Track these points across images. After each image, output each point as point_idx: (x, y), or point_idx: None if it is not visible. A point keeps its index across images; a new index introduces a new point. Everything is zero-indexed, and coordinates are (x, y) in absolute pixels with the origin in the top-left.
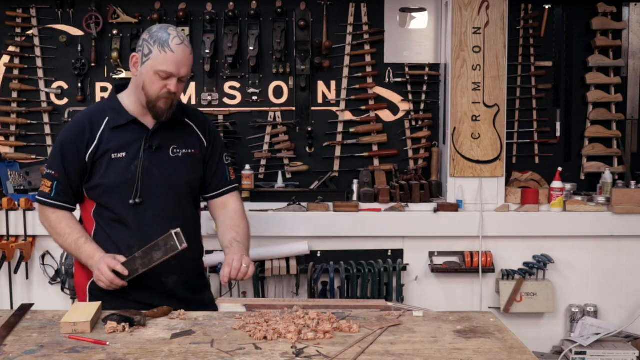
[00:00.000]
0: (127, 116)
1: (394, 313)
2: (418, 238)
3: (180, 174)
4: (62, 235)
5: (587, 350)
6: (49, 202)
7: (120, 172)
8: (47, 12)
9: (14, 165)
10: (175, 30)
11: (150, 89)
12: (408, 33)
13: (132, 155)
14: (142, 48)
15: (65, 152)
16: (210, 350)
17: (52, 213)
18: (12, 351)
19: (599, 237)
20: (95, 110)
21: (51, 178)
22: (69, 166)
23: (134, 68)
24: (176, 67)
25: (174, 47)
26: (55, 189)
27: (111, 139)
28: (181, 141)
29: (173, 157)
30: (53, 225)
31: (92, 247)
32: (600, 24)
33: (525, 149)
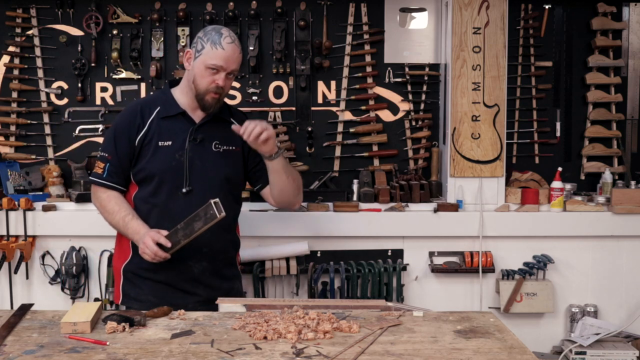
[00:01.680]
0: (177, 108)
1: (394, 313)
2: (418, 238)
3: (219, 168)
4: (111, 213)
5: (587, 350)
6: (101, 182)
7: (165, 160)
8: (47, 12)
9: (14, 165)
10: (228, 31)
11: (201, 82)
12: (408, 33)
13: (177, 145)
14: (196, 45)
15: (118, 135)
16: (210, 350)
17: (103, 192)
18: (12, 351)
19: (599, 237)
20: (148, 100)
21: (104, 160)
22: (120, 149)
23: (187, 63)
24: (225, 62)
25: (224, 44)
26: (107, 170)
27: (160, 128)
28: (223, 138)
29: (214, 152)
30: (103, 204)
31: (138, 224)
32: (600, 24)
33: (525, 149)
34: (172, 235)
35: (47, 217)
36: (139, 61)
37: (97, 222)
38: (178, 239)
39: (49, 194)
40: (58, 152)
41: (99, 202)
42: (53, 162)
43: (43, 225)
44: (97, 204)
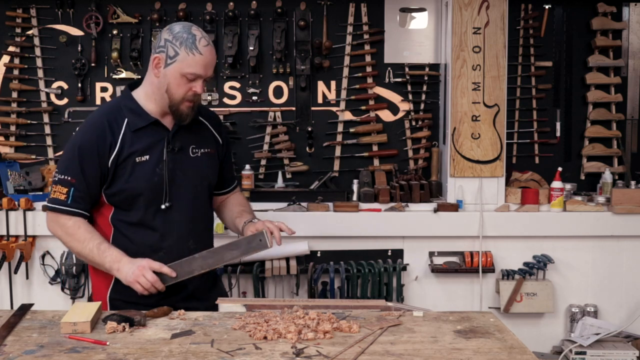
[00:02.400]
0: (148, 117)
1: (394, 313)
2: (418, 238)
3: (201, 174)
4: (81, 242)
5: (587, 350)
6: (64, 209)
7: (147, 176)
8: (47, 12)
9: (14, 165)
10: (199, 30)
11: (176, 91)
12: (408, 33)
13: (155, 158)
14: (166, 49)
15: (84, 156)
16: (210, 350)
17: (67, 220)
18: (12, 351)
19: (599, 237)
20: (111, 111)
21: (66, 184)
22: (88, 171)
23: (156, 69)
24: (204, 69)
25: (201, 49)
26: (72, 195)
27: (134, 142)
28: (199, 141)
29: (193, 158)
30: (70, 232)
31: (117, 251)
32: (600, 24)
33: (525, 149)
34: (182, 264)
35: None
36: (139, 61)
37: None
38: (192, 269)
39: (49, 194)
40: (58, 152)
41: (64, 230)
42: (53, 162)
43: (43, 225)
44: (61, 232)
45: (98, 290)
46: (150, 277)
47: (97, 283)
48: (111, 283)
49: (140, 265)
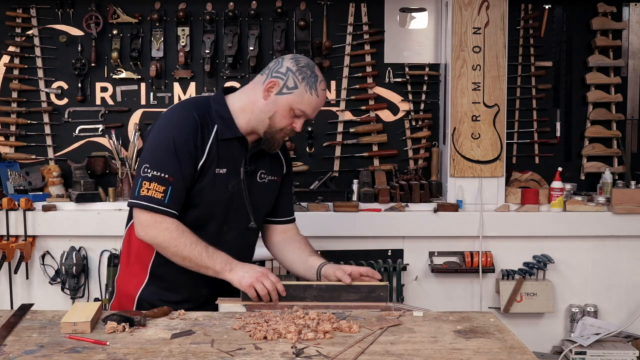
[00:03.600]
0: (236, 131)
1: (394, 313)
2: (418, 238)
3: (263, 201)
4: (188, 244)
5: (587, 350)
6: (161, 209)
7: (220, 190)
8: (47, 12)
9: (14, 165)
10: (320, 72)
11: (280, 121)
12: (408, 33)
13: (231, 173)
14: (286, 79)
15: (180, 153)
16: (210, 350)
17: (170, 223)
18: (12, 351)
19: (599, 237)
20: (201, 111)
21: (164, 182)
22: (185, 169)
23: (267, 92)
24: (313, 111)
25: (320, 91)
26: (169, 194)
27: (218, 151)
28: (269, 167)
29: (260, 183)
30: (175, 236)
31: (224, 254)
32: (600, 24)
33: (525, 149)
34: (297, 288)
35: (47, 217)
36: (139, 61)
37: (97, 222)
38: (305, 295)
39: (49, 194)
40: (58, 152)
41: (168, 234)
42: (53, 162)
43: (43, 225)
44: (163, 237)
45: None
46: (270, 285)
47: (125, 279)
48: (143, 284)
49: (261, 271)
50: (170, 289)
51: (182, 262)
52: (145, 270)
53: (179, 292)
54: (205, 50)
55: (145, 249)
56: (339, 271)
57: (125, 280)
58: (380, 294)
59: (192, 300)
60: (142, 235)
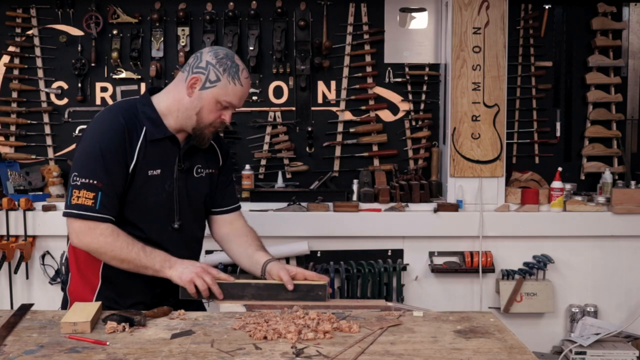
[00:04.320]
0: (166, 131)
1: (394, 313)
2: (418, 238)
3: (202, 195)
4: (124, 247)
5: (587, 350)
6: (93, 215)
7: (156, 191)
8: (47, 12)
9: (14, 165)
10: (240, 60)
11: (207, 116)
12: (408, 33)
13: (165, 173)
14: (208, 73)
15: (108, 157)
16: (210, 350)
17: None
18: (12, 351)
19: (599, 237)
20: (128, 114)
21: (93, 188)
22: (114, 174)
23: (190, 89)
24: (239, 101)
25: (243, 80)
26: (99, 200)
27: (148, 153)
28: (204, 161)
29: (197, 178)
30: (110, 241)
31: (162, 252)
32: (600, 24)
33: (525, 149)
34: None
35: (47, 217)
36: (139, 61)
37: None
38: (243, 294)
39: (49, 194)
40: (58, 152)
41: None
42: (53, 162)
43: (43, 225)
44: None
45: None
46: (209, 280)
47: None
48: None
49: (201, 267)
50: (125, 292)
51: (121, 265)
52: (97, 276)
53: (133, 294)
54: None
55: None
56: (282, 271)
57: (78, 288)
58: (319, 294)
59: (147, 301)
60: (76, 243)
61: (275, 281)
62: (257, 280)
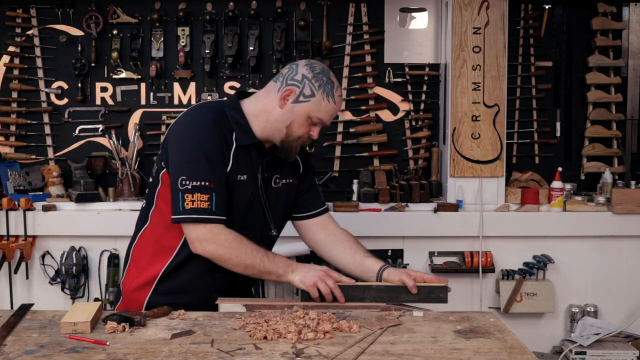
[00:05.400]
0: (253, 137)
1: (394, 313)
2: (418, 238)
3: (279, 205)
4: (249, 252)
5: (587, 350)
6: (213, 218)
7: (242, 197)
8: (47, 12)
9: (14, 165)
10: (335, 77)
11: (297, 130)
12: (408, 33)
13: (250, 180)
14: (303, 87)
15: (212, 160)
16: (210, 350)
17: (228, 234)
18: (12, 351)
19: (599, 237)
20: (219, 118)
21: (206, 190)
22: (220, 174)
23: (283, 101)
24: (330, 118)
25: (337, 98)
26: (215, 201)
27: (238, 158)
28: (283, 170)
29: (275, 188)
30: (234, 246)
31: (283, 257)
32: (600, 24)
33: (525, 149)
34: (356, 288)
35: (47, 217)
36: (139, 61)
37: (97, 222)
38: (364, 296)
39: (49, 194)
40: (58, 152)
41: (227, 245)
42: (53, 162)
43: (43, 225)
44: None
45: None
46: (332, 284)
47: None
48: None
49: (323, 270)
50: (182, 293)
51: (244, 271)
52: (156, 276)
53: (190, 296)
54: (205, 50)
55: (161, 255)
56: (404, 276)
57: (133, 284)
58: (440, 295)
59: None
60: (200, 250)
61: (395, 283)
62: (377, 282)
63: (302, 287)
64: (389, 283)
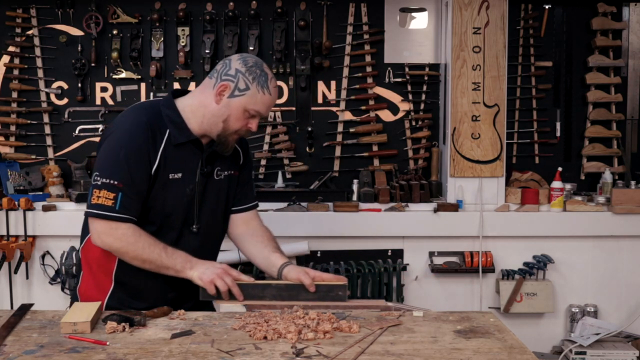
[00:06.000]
0: (189, 134)
1: (394, 313)
2: (418, 238)
3: (222, 198)
4: (146, 247)
5: (587, 350)
6: (113, 215)
7: (177, 195)
8: (47, 12)
9: (14, 165)
10: (269, 69)
11: (234, 124)
12: (408, 33)
13: (187, 177)
14: (237, 81)
15: (130, 158)
16: (210, 350)
17: (126, 229)
18: (12, 351)
19: (599, 237)
20: (152, 117)
21: (113, 189)
22: (136, 176)
23: (218, 96)
24: (267, 110)
25: (272, 89)
26: (120, 200)
27: (171, 157)
28: (224, 163)
29: (217, 180)
30: (132, 241)
31: (183, 252)
32: (600, 24)
33: (525, 149)
34: (255, 287)
35: (47, 217)
36: (139, 61)
37: None
38: (263, 295)
39: (49, 194)
40: (58, 152)
41: (124, 240)
42: (53, 162)
43: (43, 225)
44: (120, 243)
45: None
46: (230, 282)
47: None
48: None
49: (222, 268)
50: (137, 296)
51: (142, 265)
52: (110, 278)
53: (146, 298)
54: (205, 50)
55: (106, 257)
56: (302, 274)
57: (89, 288)
58: (339, 294)
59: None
60: (98, 243)
61: (293, 281)
62: (277, 281)
63: (200, 284)
64: (288, 281)
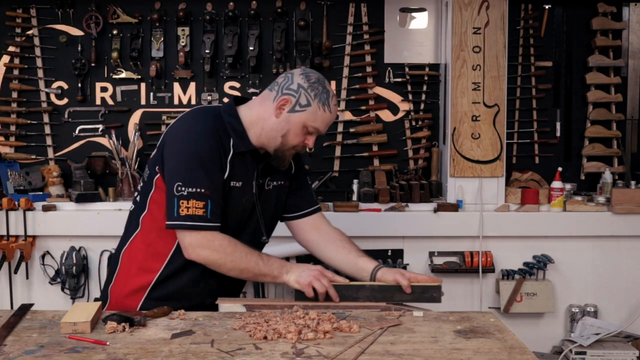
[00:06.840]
0: (249, 144)
1: (394, 313)
2: (418, 238)
3: (270, 208)
4: (243, 256)
5: (587, 350)
6: (208, 225)
7: (236, 203)
8: (47, 12)
9: (14, 165)
10: (330, 86)
11: (292, 139)
12: (408, 33)
13: (245, 186)
14: (299, 96)
15: (208, 166)
16: (210, 350)
17: (222, 239)
18: (12, 351)
19: (599, 237)
20: (217, 124)
21: (202, 197)
22: (216, 181)
23: (279, 110)
24: (326, 127)
25: (332, 107)
26: (210, 209)
27: (234, 164)
28: (275, 173)
29: (267, 191)
30: (229, 251)
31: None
32: (600, 24)
33: (525, 149)
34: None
35: (47, 217)
36: (139, 61)
37: (97, 222)
38: (357, 296)
39: (49, 194)
40: (58, 152)
41: (222, 251)
42: (53, 162)
43: (43, 225)
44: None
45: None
46: (327, 283)
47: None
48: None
49: (317, 270)
50: (175, 300)
51: (239, 275)
52: (149, 282)
53: (183, 303)
54: (205, 50)
55: (153, 261)
56: (398, 276)
57: (124, 291)
58: (433, 295)
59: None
60: (193, 256)
61: (389, 283)
62: (371, 282)
63: (298, 287)
64: (382, 283)
